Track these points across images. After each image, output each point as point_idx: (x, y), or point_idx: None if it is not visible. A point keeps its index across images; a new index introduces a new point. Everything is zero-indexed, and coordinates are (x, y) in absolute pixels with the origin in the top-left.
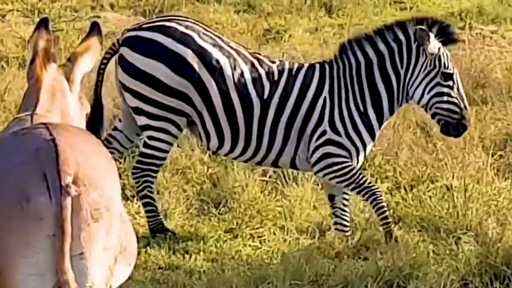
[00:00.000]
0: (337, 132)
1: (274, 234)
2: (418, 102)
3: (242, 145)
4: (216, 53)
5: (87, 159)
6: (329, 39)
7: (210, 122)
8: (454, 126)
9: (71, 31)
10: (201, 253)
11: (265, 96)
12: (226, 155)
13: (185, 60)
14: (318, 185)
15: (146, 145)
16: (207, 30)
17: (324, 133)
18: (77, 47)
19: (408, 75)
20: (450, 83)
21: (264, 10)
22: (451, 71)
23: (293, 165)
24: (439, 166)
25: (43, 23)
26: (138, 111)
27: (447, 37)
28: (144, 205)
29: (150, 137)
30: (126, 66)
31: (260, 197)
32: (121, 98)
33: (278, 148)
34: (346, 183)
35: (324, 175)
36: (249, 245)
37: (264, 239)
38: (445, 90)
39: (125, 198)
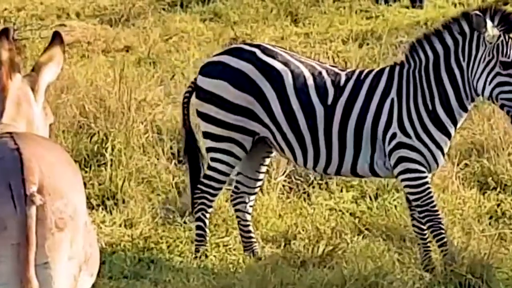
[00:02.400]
0: (407, 134)
1: (240, 243)
2: (483, 95)
3: (312, 155)
4: (278, 65)
5: (52, 168)
6: (295, 48)
7: (279, 136)
8: None
9: (37, 40)
10: (167, 262)
11: (329, 102)
12: (306, 167)
13: (247, 76)
14: (283, 193)
15: (209, 167)
16: (274, 47)
17: (394, 135)
18: (40, 57)
19: (470, 67)
20: (511, 71)
21: (230, 19)
22: (509, 60)
23: (373, 172)
24: None
25: (4, 33)
26: (205, 134)
27: (509, 25)
28: (196, 227)
29: (213, 159)
30: (197, 91)
31: (226, 206)
32: None
33: (351, 156)
34: (414, 196)
35: (401, 180)
36: (215, 254)
37: (230, 248)
38: (506, 79)
39: (90, 207)
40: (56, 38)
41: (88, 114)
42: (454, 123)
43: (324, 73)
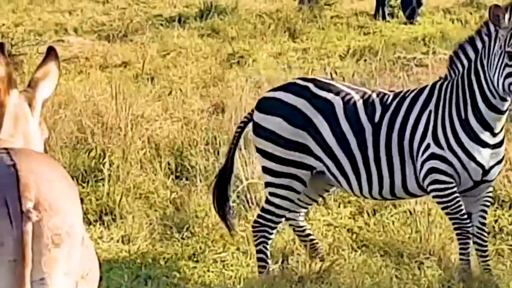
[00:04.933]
0: (439, 145)
1: (237, 258)
2: (499, 89)
3: (365, 178)
4: (329, 96)
5: (48, 184)
6: (293, 64)
7: (333, 165)
8: None
9: (34, 55)
10: (164, 278)
11: (376, 120)
12: (362, 194)
13: (301, 111)
14: None
15: (267, 201)
16: (328, 80)
17: (428, 146)
18: (36, 73)
19: (489, 64)
20: None
21: (228, 35)
22: None
23: (422, 189)
24: None
25: None
26: (264, 169)
27: None
28: (258, 259)
29: (272, 194)
30: (254, 127)
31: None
32: None
33: (399, 172)
34: (442, 205)
35: (430, 191)
36: (212, 270)
37: (227, 264)
38: None
39: (87, 222)
40: (51, 53)
41: (85, 129)
42: (487, 128)
43: (373, 95)
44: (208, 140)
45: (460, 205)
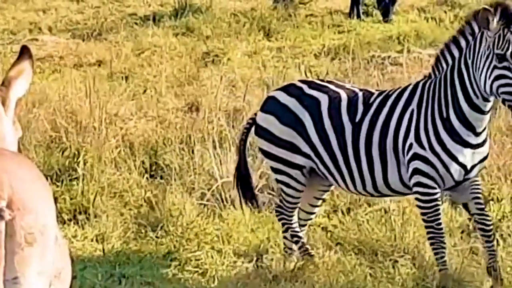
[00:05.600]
0: (421, 145)
1: (212, 257)
2: (485, 91)
3: (348, 175)
4: (317, 94)
5: (21, 183)
6: (267, 62)
7: (319, 163)
8: None
9: (8, 54)
10: (138, 277)
11: (357, 120)
12: (349, 190)
13: (289, 109)
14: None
15: (281, 191)
16: (326, 81)
17: (411, 146)
18: (9, 71)
19: (474, 64)
20: (506, 64)
21: (203, 33)
22: (502, 52)
23: (407, 187)
24: None
25: None
26: (270, 168)
27: (508, 19)
28: (295, 242)
29: (280, 189)
30: (255, 125)
31: (198, 221)
32: None
33: (380, 172)
34: (421, 210)
35: (414, 192)
36: (187, 269)
37: (202, 263)
38: (502, 72)
39: (62, 221)
40: (25, 52)
41: (59, 128)
42: (470, 128)
43: (359, 94)
44: (182, 139)
45: (438, 214)
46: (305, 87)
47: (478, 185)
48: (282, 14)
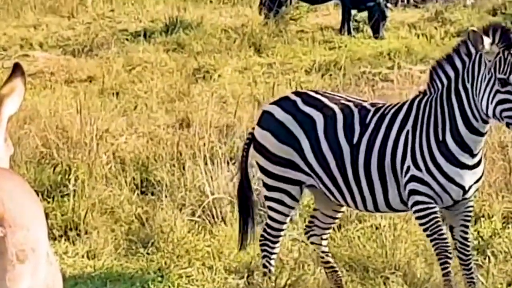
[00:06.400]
0: (418, 167)
1: (203, 274)
2: (487, 115)
3: (349, 195)
4: (312, 112)
5: (12, 200)
6: (258, 78)
7: (318, 181)
8: None
9: (0, 70)
10: None
11: (355, 141)
12: (350, 207)
13: (285, 126)
14: None
15: (268, 216)
16: (319, 93)
17: (408, 169)
18: (1, 89)
19: (474, 87)
20: (509, 88)
21: (194, 50)
22: (505, 76)
23: (407, 206)
24: None
25: None
26: (262, 183)
27: (509, 42)
28: (263, 273)
29: (269, 207)
30: (253, 142)
31: (189, 237)
32: None
33: (380, 192)
34: (423, 227)
35: (413, 212)
36: (178, 285)
37: (193, 279)
38: (505, 96)
39: (53, 238)
40: (17, 69)
41: (50, 144)
42: (467, 150)
43: (355, 111)
44: (173, 155)
45: (439, 226)
46: (299, 101)
47: (470, 212)
48: (272, 30)
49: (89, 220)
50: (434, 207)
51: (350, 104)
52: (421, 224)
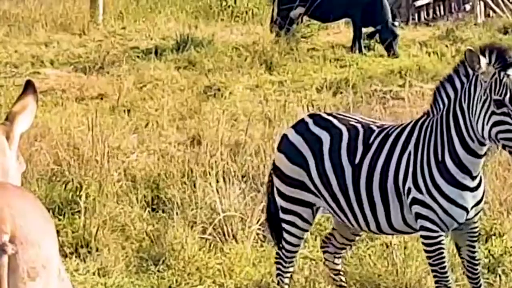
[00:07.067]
0: (419, 189)
1: None
2: (483, 136)
3: (351, 216)
4: (320, 133)
5: (24, 218)
6: (269, 96)
7: (324, 202)
8: None
9: (11, 87)
10: None
11: (357, 161)
12: (354, 228)
13: (296, 147)
14: (257, 242)
15: (283, 237)
16: (332, 115)
17: (409, 190)
18: (13, 106)
19: (470, 108)
20: (505, 109)
21: (205, 67)
22: (500, 98)
23: (410, 227)
24: None
25: None
26: (280, 208)
27: (505, 63)
28: None
29: (284, 229)
30: (273, 164)
31: (200, 254)
32: None
33: (382, 213)
34: (426, 254)
35: (420, 235)
36: None
37: None
38: (501, 118)
39: (63, 255)
40: (29, 87)
41: (61, 162)
42: (466, 172)
43: (361, 132)
44: (184, 173)
45: (442, 258)
46: (310, 122)
47: (476, 232)
48: (284, 48)
49: (100, 237)
50: (440, 236)
51: (358, 125)
52: (425, 251)
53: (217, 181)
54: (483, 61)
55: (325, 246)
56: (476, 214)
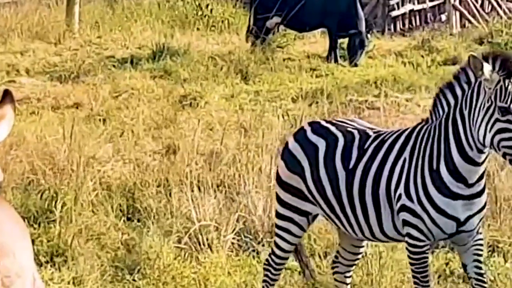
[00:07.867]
0: (409, 197)
1: None
2: (484, 143)
3: (346, 222)
4: (316, 141)
5: None
6: (245, 106)
7: (320, 210)
8: None
9: None
10: None
11: (350, 167)
12: (352, 235)
13: (293, 155)
14: (232, 251)
15: (274, 243)
16: (331, 122)
17: (400, 197)
18: None
19: (471, 116)
20: (510, 117)
21: (181, 76)
22: (506, 105)
23: (401, 235)
24: None
25: None
26: (275, 213)
27: (509, 70)
28: None
29: (275, 234)
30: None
31: (175, 264)
32: None
33: (374, 219)
34: (410, 261)
35: (405, 242)
36: None
37: None
38: (505, 125)
39: (39, 264)
40: (7, 96)
41: (37, 170)
42: (461, 180)
43: (356, 138)
44: (160, 182)
45: (425, 267)
46: (308, 130)
47: (480, 246)
48: (259, 58)
49: (75, 246)
50: (425, 246)
51: (355, 131)
52: (409, 258)
53: (193, 191)
54: (487, 67)
55: (335, 267)
56: (478, 224)
